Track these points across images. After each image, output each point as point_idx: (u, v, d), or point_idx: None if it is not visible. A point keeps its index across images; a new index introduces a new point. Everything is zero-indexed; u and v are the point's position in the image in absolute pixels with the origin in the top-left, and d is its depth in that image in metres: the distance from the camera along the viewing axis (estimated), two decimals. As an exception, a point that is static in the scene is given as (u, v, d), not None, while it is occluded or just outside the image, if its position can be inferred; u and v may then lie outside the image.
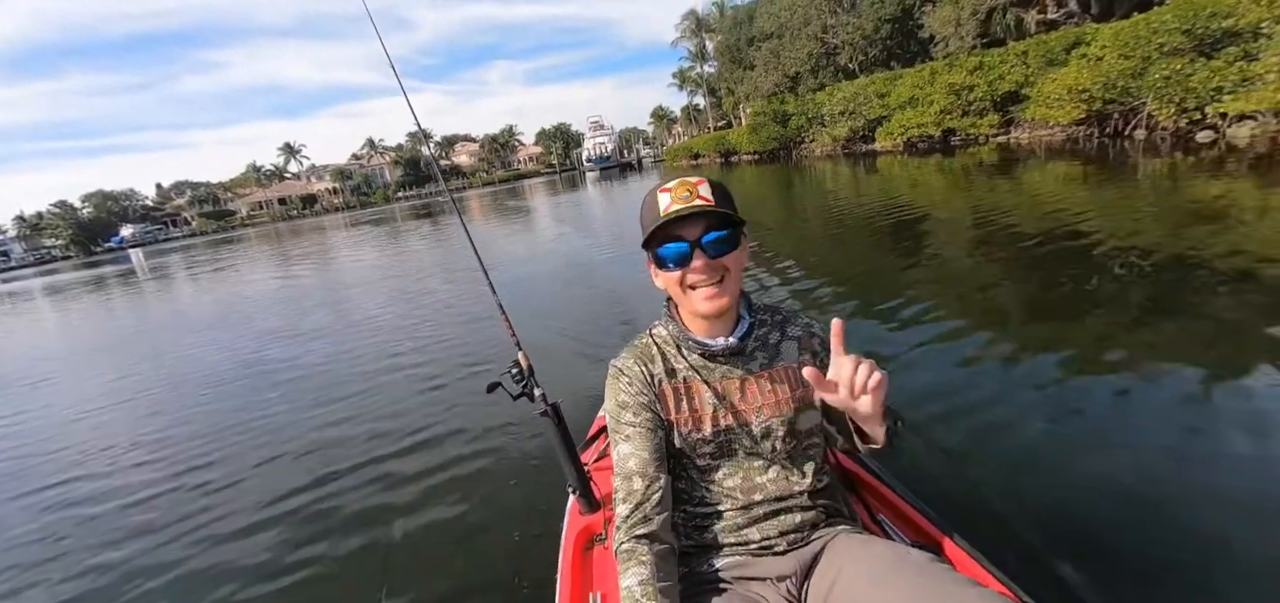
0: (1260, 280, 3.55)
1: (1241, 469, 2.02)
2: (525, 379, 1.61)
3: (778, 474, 1.10)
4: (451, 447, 3.07)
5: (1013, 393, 2.79)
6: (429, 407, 3.72)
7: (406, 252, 14.49)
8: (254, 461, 3.35)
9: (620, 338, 4.27)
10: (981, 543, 1.13)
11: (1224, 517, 1.81)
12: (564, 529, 1.54)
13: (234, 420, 4.05)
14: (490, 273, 1.99)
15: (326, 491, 2.86)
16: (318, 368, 5.09)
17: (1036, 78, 14.46)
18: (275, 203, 75.34)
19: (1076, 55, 13.35)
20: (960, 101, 16.99)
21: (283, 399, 4.39)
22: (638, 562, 0.96)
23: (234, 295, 11.62)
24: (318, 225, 40.17)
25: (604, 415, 1.97)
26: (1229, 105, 9.27)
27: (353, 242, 20.54)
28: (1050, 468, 2.21)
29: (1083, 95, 12.14)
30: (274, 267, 15.99)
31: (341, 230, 28.74)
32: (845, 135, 21.86)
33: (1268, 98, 8.44)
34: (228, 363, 5.77)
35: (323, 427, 3.68)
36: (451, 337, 5.38)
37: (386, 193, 74.60)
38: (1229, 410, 2.34)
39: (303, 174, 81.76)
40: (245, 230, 57.27)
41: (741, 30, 34.01)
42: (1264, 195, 5.70)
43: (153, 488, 3.18)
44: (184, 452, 3.61)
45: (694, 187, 1.01)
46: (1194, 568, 1.68)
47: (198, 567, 2.42)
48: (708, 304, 1.03)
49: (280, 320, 7.85)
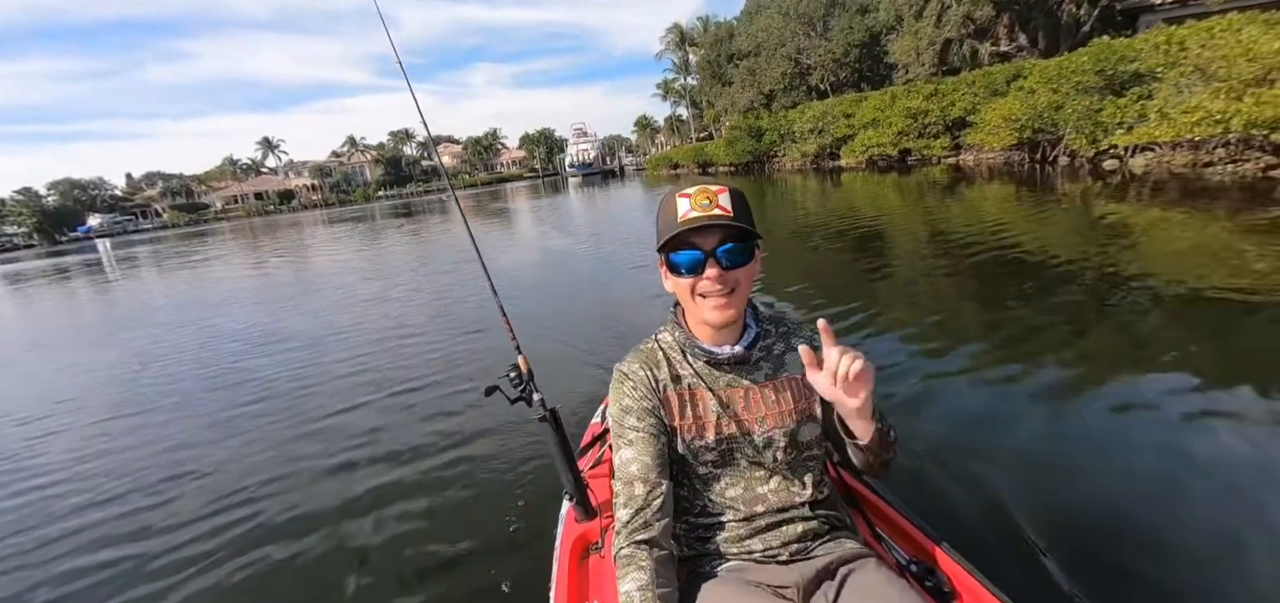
0: (1153, 292, 4.19)
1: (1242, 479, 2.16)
2: (524, 383, 1.58)
3: (779, 484, 1.11)
4: (441, 452, 3.05)
5: (964, 401, 2.96)
6: (417, 409, 3.70)
7: (390, 251, 14.47)
8: (238, 465, 3.26)
9: (606, 339, 4.69)
10: (976, 559, 1.15)
11: (1221, 534, 1.92)
12: (559, 537, 1.52)
13: (211, 423, 3.97)
14: (492, 277, 1.97)
15: (315, 493, 2.84)
16: (303, 369, 4.99)
17: (981, 106, 15.91)
18: (251, 197, 74.61)
19: (1015, 87, 14.81)
20: (916, 124, 18.41)
21: (268, 401, 4.30)
22: (637, 567, 0.96)
23: (213, 292, 11.28)
24: (295, 221, 40.11)
25: (598, 423, 1.93)
26: (1121, 139, 10.71)
27: (333, 238, 20.61)
28: (1021, 476, 2.31)
29: (1015, 124, 13.56)
30: (254, 263, 15.77)
31: (321, 227, 28.55)
32: (814, 151, 23.24)
33: (1149, 133, 9.85)
34: (209, 361, 5.66)
35: (310, 429, 3.63)
36: (441, 337, 5.38)
37: (366, 191, 74.52)
38: (1214, 419, 2.53)
39: (280, 169, 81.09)
40: (219, 224, 56.62)
41: (722, 47, 35.54)
42: (1151, 216, 6.90)
43: (141, 497, 3.07)
44: (170, 457, 3.52)
45: (714, 195, 1.02)
46: (1197, 581, 1.74)
47: (179, 574, 2.37)
48: (717, 314, 1.04)
49: (264, 317, 7.68)
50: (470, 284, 7.68)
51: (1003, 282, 5.20)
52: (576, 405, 3.23)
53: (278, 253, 17.64)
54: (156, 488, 3.12)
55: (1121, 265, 4.98)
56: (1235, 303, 3.83)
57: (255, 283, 11.80)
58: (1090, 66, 11.76)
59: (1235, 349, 3.29)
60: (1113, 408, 2.76)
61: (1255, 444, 2.36)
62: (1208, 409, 2.65)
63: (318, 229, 27.50)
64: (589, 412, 2.61)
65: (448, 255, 12.00)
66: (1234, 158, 9.04)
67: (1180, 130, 9.24)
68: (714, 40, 37.22)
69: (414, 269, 10.68)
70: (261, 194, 74.69)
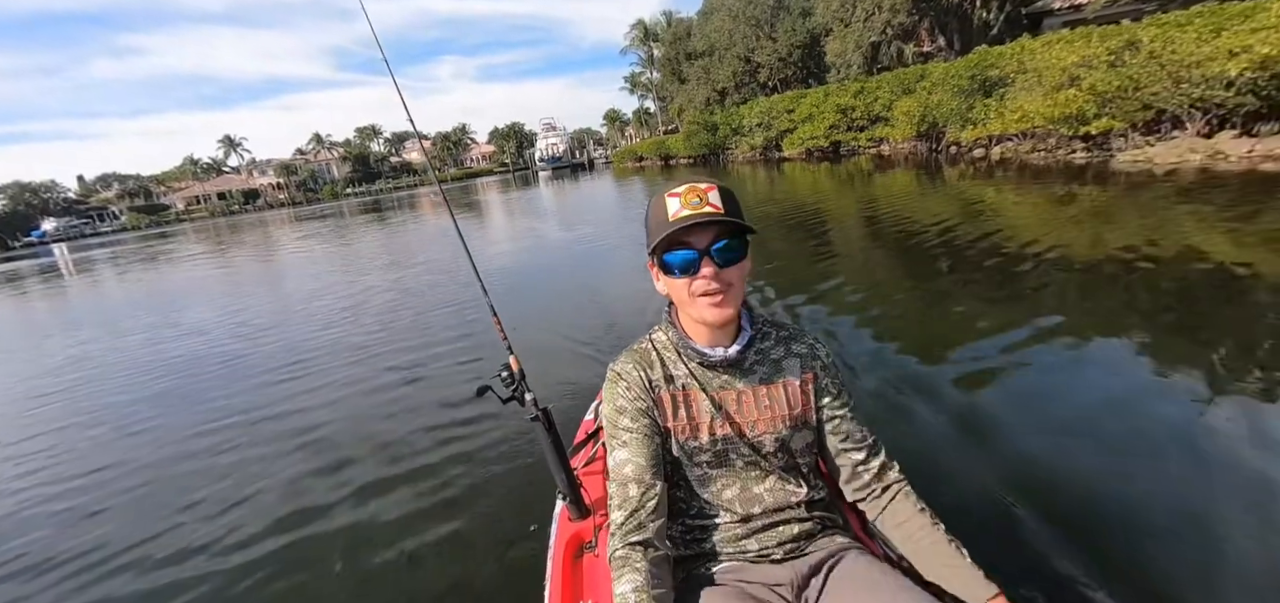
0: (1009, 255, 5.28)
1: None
2: (515, 383, 1.58)
3: (775, 484, 1.13)
4: (434, 451, 3.07)
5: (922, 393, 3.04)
6: (409, 409, 3.73)
7: (363, 249, 14.34)
8: (222, 466, 3.28)
9: (589, 321, 5.02)
10: (972, 554, 1.11)
11: (1225, 516, 1.93)
12: (552, 536, 1.54)
13: (193, 422, 4.01)
14: (483, 276, 1.95)
15: (304, 492, 2.87)
16: (285, 366, 5.03)
17: (894, 103, 18.54)
18: (214, 197, 74.23)
19: (919, 87, 17.45)
20: (846, 119, 21.00)
21: (251, 400, 4.33)
22: (632, 569, 0.98)
23: (180, 291, 11.43)
24: (261, 220, 40.00)
25: (590, 419, 2.05)
26: (969, 133, 13.42)
27: (302, 237, 20.75)
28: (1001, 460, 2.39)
29: (913, 119, 16.19)
30: (221, 262, 15.99)
31: (288, 226, 28.58)
32: (761, 144, 25.75)
33: (986, 129, 12.56)
34: (183, 361, 5.71)
35: (297, 428, 3.65)
36: (433, 334, 5.41)
37: (334, 189, 74.96)
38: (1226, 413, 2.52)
39: (243, 168, 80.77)
40: (181, 225, 56.28)
41: (680, 46, 37.96)
42: (1004, 194, 8.94)
43: (121, 494, 3.13)
44: (154, 454, 3.59)
45: (704, 193, 1.02)
46: (1196, 565, 1.77)
47: (166, 574, 2.40)
48: (714, 312, 1.04)
49: (234, 316, 7.67)
50: (454, 283, 7.60)
51: (889, 245, 6.66)
52: (561, 395, 3.47)
53: (253, 252, 17.87)
54: (130, 490, 3.18)
55: (977, 227, 6.65)
56: (1048, 259, 5.00)
57: (229, 280, 12.07)
58: (965, 72, 14.40)
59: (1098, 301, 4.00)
60: (1003, 349, 3.37)
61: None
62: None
63: (284, 228, 27.67)
64: (573, 396, 2.75)
65: (429, 251, 12.52)
66: (1061, 147, 11.70)
67: (1006, 125, 11.89)
68: (673, 39, 39.62)
69: (388, 265, 10.80)
70: (225, 194, 74.44)
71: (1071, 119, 10.53)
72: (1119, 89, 9.84)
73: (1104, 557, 1.82)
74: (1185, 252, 4.71)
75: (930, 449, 2.55)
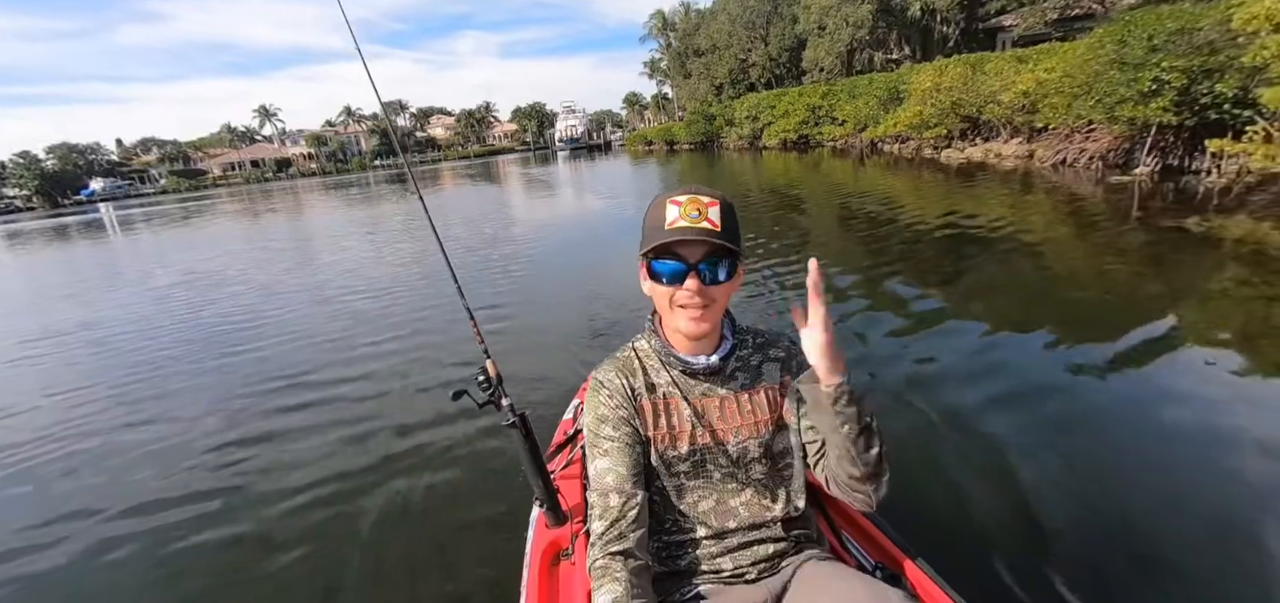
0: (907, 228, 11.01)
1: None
2: (492, 387, 1.59)
3: (752, 498, 1.17)
4: (409, 455, 3.08)
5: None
6: (385, 410, 3.71)
7: (379, 227, 14.89)
8: (188, 461, 3.28)
9: (575, 321, 5.19)
10: (943, 566, 1.21)
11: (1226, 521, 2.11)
12: (529, 543, 1.57)
13: (175, 417, 3.96)
14: (458, 271, 1.91)
15: (274, 492, 2.87)
16: (263, 356, 5.06)
17: (845, 105, 23.41)
18: (248, 164, 79.94)
19: (862, 94, 22.29)
20: (814, 115, 25.87)
21: (221, 393, 4.31)
22: (612, 579, 1.00)
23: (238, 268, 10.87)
24: (292, 189, 42.65)
25: (568, 420, 2.17)
26: (872, 133, 18.45)
27: (329, 207, 23.40)
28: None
29: (853, 120, 21.11)
30: (252, 233, 16.76)
31: (318, 194, 31.88)
32: (748, 134, 30.72)
33: (875, 132, 17.74)
34: (162, 345, 5.74)
35: (271, 427, 3.64)
36: (417, 329, 5.37)
37: (362, 161, 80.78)
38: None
39: (275, 138, 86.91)
40: (217, 190, 60.25)
41: (688, 42, 42.95)
42: (893, 176, 14.08)
43: (75, 499, 3.08)
44: (108, 462, 3.46)
45: (704, 207, 1.05)
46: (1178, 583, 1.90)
47: (136, 579, 2.38)
48: (692, 325, 1.09)
49: (232, 302, 7.51)
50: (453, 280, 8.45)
51: (798, 209, 12.13)
52: (539, 393, 3.64)
53: (278, 219, 20.00)
54: (72, 497, 3.11)
55: (883, 201, 12.11)
56: (924, 227, 9.22)
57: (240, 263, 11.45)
58: (883, 86, 19.32)
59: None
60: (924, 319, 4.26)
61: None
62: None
63: (313, 195, 30.29)
64: (557, 389, 3.12)
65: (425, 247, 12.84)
66: (937, 146, 16.57)
67: (887, 128, 16.87)
68: (682, 34, 44.63)
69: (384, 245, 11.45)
70: (258, 162, 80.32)
71: (918, 126, 15.49)
72: (949, 106, 14.79)
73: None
74: (947, 212, 9.20)
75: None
